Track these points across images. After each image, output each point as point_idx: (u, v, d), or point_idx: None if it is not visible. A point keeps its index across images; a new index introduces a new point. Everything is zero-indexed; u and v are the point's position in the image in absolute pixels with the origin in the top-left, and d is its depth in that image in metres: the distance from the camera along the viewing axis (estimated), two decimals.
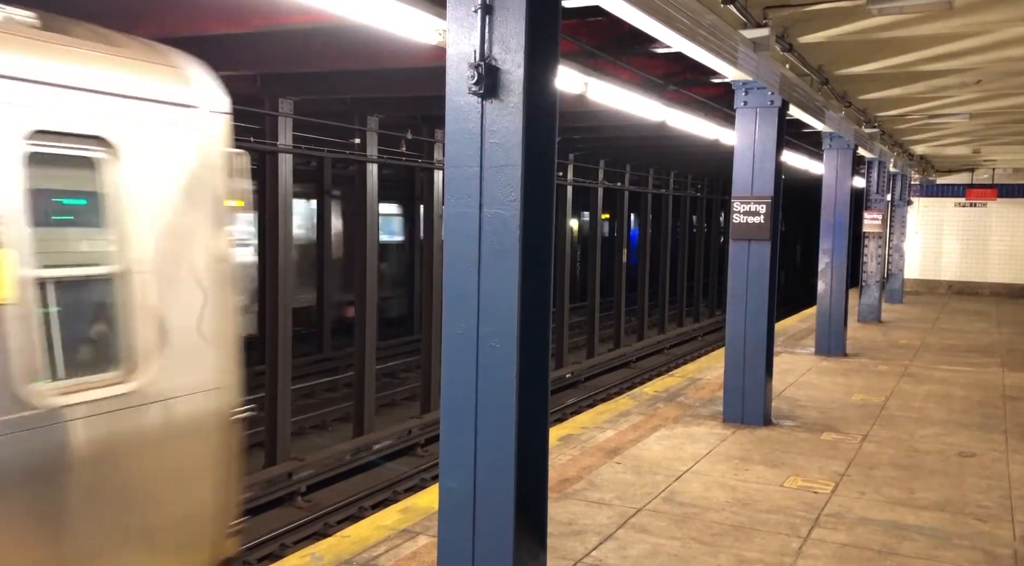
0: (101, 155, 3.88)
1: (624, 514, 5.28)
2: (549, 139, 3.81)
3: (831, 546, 4.86)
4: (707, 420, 7.74)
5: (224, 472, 4.34)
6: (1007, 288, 21.57)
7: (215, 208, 4.37)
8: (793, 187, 18.95)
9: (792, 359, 11.25)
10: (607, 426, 7.45)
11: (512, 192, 3.60)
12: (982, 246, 21.87)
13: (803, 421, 7.83)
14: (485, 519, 3.80)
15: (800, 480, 6.06)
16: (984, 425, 7.85)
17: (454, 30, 3.64)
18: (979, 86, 9.46)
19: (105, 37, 4.12)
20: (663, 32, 5.52)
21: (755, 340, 7.64)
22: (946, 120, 12.24)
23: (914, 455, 6.80)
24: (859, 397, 8.96)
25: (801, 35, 7.31)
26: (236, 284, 4.44)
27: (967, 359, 11.67)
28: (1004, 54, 7.78)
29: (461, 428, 3.81)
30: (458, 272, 3.77)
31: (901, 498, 5.73)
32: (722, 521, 5.20)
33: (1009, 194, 21.51)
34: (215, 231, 4.34)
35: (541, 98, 3.67)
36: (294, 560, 4.53)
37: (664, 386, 9.35)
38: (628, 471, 6.15)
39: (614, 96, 8.14)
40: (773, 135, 7.54)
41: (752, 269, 7.58)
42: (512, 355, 3.66)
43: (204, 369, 4.27)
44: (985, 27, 7.05)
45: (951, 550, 4.86)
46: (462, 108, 3.66)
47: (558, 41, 3.81)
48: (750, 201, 7.51)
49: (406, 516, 5.15)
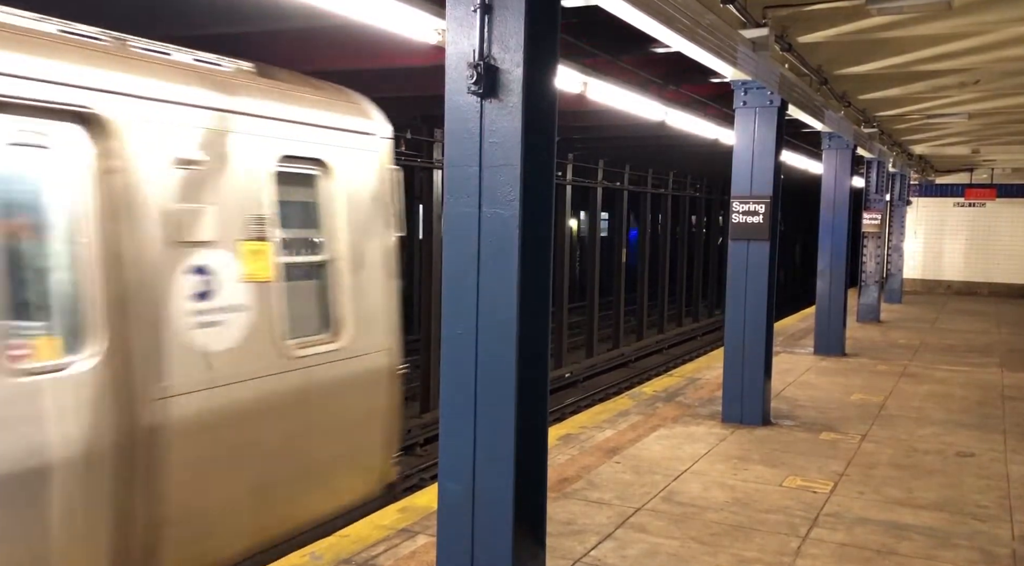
0: (318, 173, 5.43)
1: (623, 514, 5.28)
2: (548, 139, 3.81)
3: (830, 546, 4.87)
4: (706, 420, 7.74)
5: (392, 414, 6.01)
6: (1007, 288, 21.59)
7: (385, 212, 5.95)
8: (792, 186, 18.98)
9: (791, 359, 11.25)
10: (606, 426, 7.45)
11: (511, 192, 3.60)
12: (981, 246, 21.88)
13: (802, 421, 7.83)
14: (484, 518, 3.80)
15: (799, 480, 6.06)
16: (983, 425, 7.86)
17: (453, 29, 3.64)
18: (978, 86, 9.47)
19: (304, 80, 5.63)
20: (663, 32, 5.52)
21: (754, 340, 7.64)
22: (945, 120, 12.25)
23: (913, 455, 6.81)
24: (858, 397, 8.96)
25: (800, 35, 7.32)
26: (396, 271, 6.11)
27: (966, 359, 11.68)
28: (1003, 54, 7.79)
29: (460, 428, 3.81)
30: (457, 272, 3.77)
31: (900, 498, 5.74)
32: (721, 521, 5.20)
33: (1008, 194, 21.52)
34: (384, 229, 5.98)
35: (540, 98, 3.67)
36: (294, 559, 4.53)
37: (663, 386, 9.35)
38: (627, 471, 6.15)
39: (613, 96, 8.15)
40: (772, 135, 7.53)
41: (751, 269, 7.58)
42: (511, 355, 3.66)
43: (379, 334, 5.90)
44: (984, 27, 7.05)
45: (950, 550, 4.86)
46: (461, 108, 3.66)
47: (557, 41, 3.81)
48: (749, 201, 7.51)
49: (405, 515, 5.15)
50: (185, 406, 4.40)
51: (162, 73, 4.51)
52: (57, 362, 3.89)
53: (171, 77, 4.53)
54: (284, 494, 5.09)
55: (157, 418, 4.25)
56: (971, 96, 10.20)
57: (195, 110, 4.55)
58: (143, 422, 4.19)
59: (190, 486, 4.47)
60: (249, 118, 4.88)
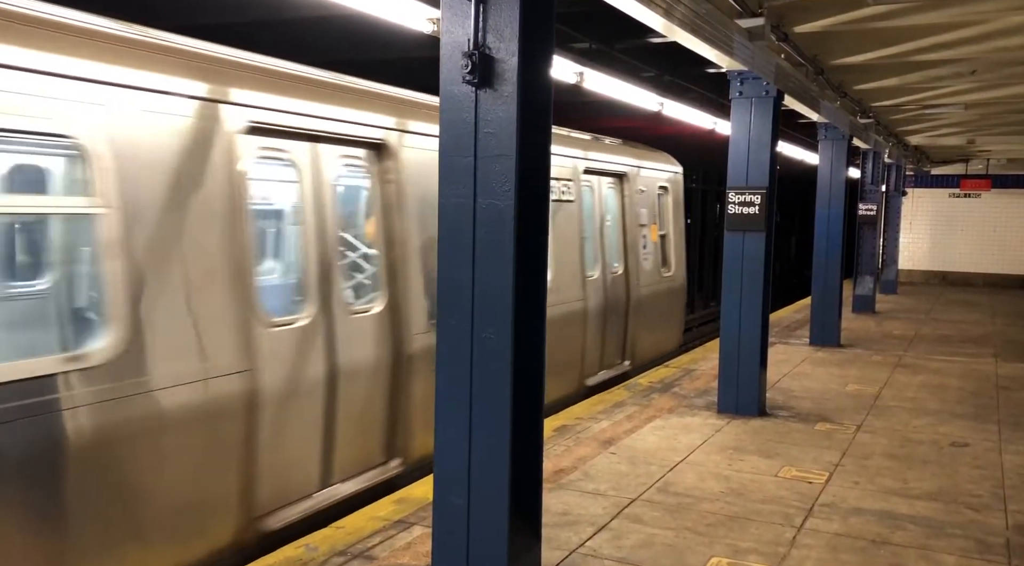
0: (664, 192, 11.12)
1: (619, 504, 5.28)
2: (544, 129, 3.80)
3: (825, 536, 4.88)
4: (701, 411, 7.75)
5: (682, 306, 11.85)
6: (1001, 279, 21.63)
7: (681, 210, 11.50)
8: (788, 177, 18.95)
9: (786, 350, 11.27)
10: (602, 417, 7.45)
11: (507, 182, 3.58)
12: (976, 237, 21.90)
13: (797, 411, 7.84)
14: (480, 510, 3.80)
15: (794, 470, 6.07)
16: (977, 415, 7.87)
17: (448, 18, 3.61)
18: (974, 76, 9.45)
19: (642, 146, 11.00)
20: (660, 22, 5.50)
21: (750, 330, 7.64)
22: (941, 110, 12.24)
23: (908, 445, 6.82)
24: (853, 387, 8.98)
25: (796, 25, 7.29)
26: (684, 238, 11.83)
27: (961, 350, 11.71)
28: (999, 44, 7.76)
29: (456, 419, 3.81)
30: (452, 263, 3.76)
31: (895, 488, 5.75)
32: (716, 511, 5.21)
33: (1003, 185, 21.54)
34: (681, 218, 11.61)
35: (536, 87, 3.65)
36: (289, 550, 4.52)
37: (659, 377, 9.35)
38: (623, 461, 6.16)
39: (609, 86, 8.12)
40: (768, 126, 7.52)
41: (747, 260, 7.58)
42: (507, 346, 3.65)
43: (681, 268, 11.66)
44: (980, 16, 7.03)
45: (944, 539, 4.87)
46: (456, 97, 3.64)
47: (553, 30, 3.79)
48: (745, 192, 7.50)
49: (401, 507, 5.15)
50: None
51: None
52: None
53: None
54: (647, 341, 10.59)
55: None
56: (967, 86, 10.18)
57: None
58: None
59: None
60: (644, 169, 10.48)
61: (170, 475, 4.24)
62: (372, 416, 5.81)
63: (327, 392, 5.38)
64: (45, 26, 3.83)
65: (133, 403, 3.99)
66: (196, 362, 4.36)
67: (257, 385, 4.74)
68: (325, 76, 5.72)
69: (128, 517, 4.04)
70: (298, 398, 5.12)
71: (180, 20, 7.41)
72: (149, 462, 4.11)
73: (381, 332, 5.84)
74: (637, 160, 10.33)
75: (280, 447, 4.97)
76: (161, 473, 4.19)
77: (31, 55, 3.67)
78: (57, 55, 3.76)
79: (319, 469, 5.35)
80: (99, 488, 3.87)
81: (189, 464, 4.35)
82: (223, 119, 4.61)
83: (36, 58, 3.68)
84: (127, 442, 3.98)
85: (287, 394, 5.03)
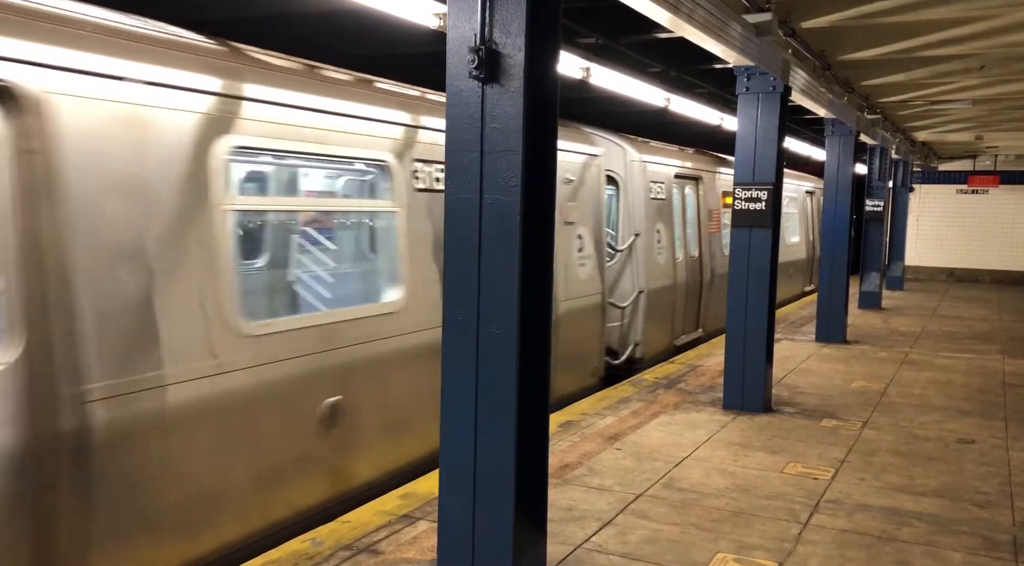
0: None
1: (624, 500, 5.28)
2: (550, 124, 3.79)
3: (831, 532, 4.87)
4: (707, 407, 7.75)
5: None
6: (1008, 275, 21.55)
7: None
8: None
9: (792, 346, 11.25)
10: (607, 412, 7.45)
11: (513, 178, 3.58)
12: (983, 233, 21.82)
13: (803, 408, 7.83)
14: (485, 505, 3.80)
15: (800, 466, 6.06)
16: (984, 412, 7.86)
17: (454, 13, 3.61)
18: (982, 72, 9.40)
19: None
20: (667, 17, 5.48)
21: (755, 327, 7.63)
22: (949, 106, 12.19)
23: (914, 442, 6.81)
24: (859, 384, 8.96)
25: (803, 20, 7.26)
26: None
27: (967, 346, 11.68)
28: (1008, 39, 7.72)
29: (461, 414, 3.81)
30: (458, 258, 3.76)
31: (901, 484, 5.74)
32: (722, 507, 5.21)
33: (1011, 181, 21.45)
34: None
35: (542, 83, 3.65)
36: (294, 545, 4.54)
37: (664, 373, 9.35)
38: (628, 457, 6.16)
39: (616, 82, 8.10)
40: (775, 121, 7.49)
41: (753, 255, 7.56)
42: (512, 341, 3.65)
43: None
44: (989, 12, 7.00)
45: (950, 536, 4.87)
46: (462, 93, 3.63)
47: (560, 25, 3.78)
48: (751, 187, 7.48)
49: (406, 502, 5.16)
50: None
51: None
52: None
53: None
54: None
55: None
56: (975, 82, 10.13)
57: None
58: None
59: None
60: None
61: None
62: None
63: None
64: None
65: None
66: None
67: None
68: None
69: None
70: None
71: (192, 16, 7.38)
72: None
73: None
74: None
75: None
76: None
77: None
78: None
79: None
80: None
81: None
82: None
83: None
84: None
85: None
